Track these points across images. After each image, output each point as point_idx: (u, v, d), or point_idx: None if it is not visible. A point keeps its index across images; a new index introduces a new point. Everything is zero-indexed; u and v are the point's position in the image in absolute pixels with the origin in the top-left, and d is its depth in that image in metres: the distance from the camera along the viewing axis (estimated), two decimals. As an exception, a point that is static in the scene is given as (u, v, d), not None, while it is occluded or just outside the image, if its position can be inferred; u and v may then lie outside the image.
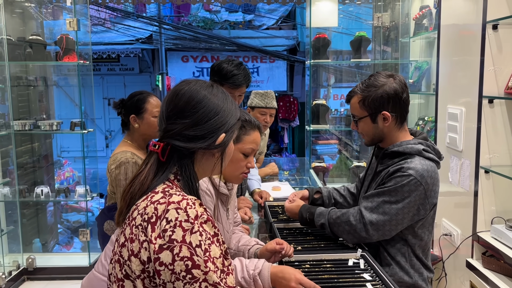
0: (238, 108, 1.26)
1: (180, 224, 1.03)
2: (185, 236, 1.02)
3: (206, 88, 1.20)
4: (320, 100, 4.46)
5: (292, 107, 10.35)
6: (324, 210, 1.94)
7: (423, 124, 3.65)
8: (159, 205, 1.06)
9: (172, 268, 1.01)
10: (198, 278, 1.01)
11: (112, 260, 1.15)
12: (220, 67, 2.56)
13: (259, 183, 2.97)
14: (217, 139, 1.17)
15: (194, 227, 1.03)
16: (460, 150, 2.65)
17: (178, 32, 9.89)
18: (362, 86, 1.86)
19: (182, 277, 1.01)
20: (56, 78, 5.12)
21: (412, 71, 4.06)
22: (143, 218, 1.06)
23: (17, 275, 4.09)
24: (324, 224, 1.89)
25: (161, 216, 1.04)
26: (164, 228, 1.03)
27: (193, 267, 1.01)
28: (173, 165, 1.16)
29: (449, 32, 2.88)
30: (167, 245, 1.02)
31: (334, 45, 5.26)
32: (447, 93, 2.90)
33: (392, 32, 4.33)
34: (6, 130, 4.15)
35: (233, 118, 1.22)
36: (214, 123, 1.17)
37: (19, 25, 4.48)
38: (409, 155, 1.83)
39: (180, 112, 1.16)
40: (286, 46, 10.33)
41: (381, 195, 1.79)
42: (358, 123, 1.89)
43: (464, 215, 2.58)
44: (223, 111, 1.19)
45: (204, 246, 1.03)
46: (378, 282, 1.54)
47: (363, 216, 1.79)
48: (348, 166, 4.78)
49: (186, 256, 1.01)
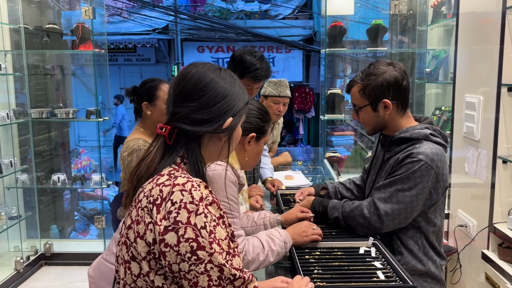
0: (246, 92, 1.24)
1: (185, 206, 1.02)
2: (189, 218, 1.02)
3: (214, 71, 1.19)
4: (336, 90, 4.41)
5: (308, 98, 10.29)
6: (337, 203, 1.93)
7: (439, 114, 3.59)
8: (164, 187, 1.06)
9: (177, 249, 1.01)
10: (203, 259, 1.01)
11: (119, 242, 1.16)
12: (243, 59, 2.48)
13: (272, 172, 2.96)
14: (224, 123, 1.16)
15: (199, 209, 1.03)
16: (477, 139, 2.60)
17: (194, 22, 9.89)
18: (362, 75, 1.85)
19: (187, 258, 1.01)
20: (73, 67, 5.18)
21: (429, 60, 3.99)
22: (149, 200, 1.06)
23: (35, 260, 4.18)
24: (338, 217, 1.88)
25: (166, 198, 1.04)
26: (169, 210, 1.03)
27: (198, 249, 1.01)
28: (179, 149, 1.16)
29: (468, 19, 2.82)
30: (172, 226, 1.02)
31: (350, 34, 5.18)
32: (465, 82, 2.84)
33: (409, 20, 4.25)
34: (24, 118, 4.21)
35: (240, 102, 1.20)
36: (221, 106, 1.16)
37: (36, 15, 4.53)
38: (416, 140, 1.82)
39: (187, 95, 1.15)
40: (302, 36, 10.25)
41: (393, 184, 1.77)
42: (359, 112, 1.89)
43: (480, 206, 2.53)
44: (230, 94, 1.18)
45: (209, 228, 1.03)
46: (389, 270, 1.52)
47: (378, 208, 1.77)
48: (363, 157, 4.74)
49: (191, 237, 1.01)
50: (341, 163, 4.50)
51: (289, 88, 3.20)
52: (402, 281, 1.43)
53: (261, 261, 1.59)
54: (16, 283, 3.88)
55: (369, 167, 2.07)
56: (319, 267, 1.55)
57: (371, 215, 1.78)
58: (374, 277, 1.48)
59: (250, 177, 2.69)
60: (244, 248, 1.55)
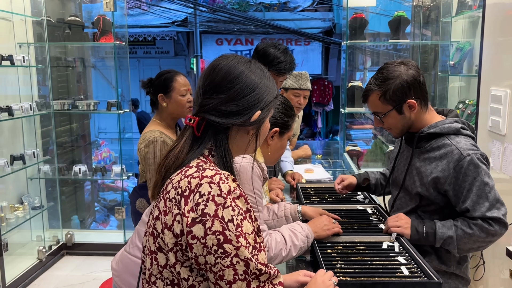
0: (276, 86, 1.23)
1: (212, 199, 1.02)
2: (217, 211, 1.01)
3: (244, 63, 1.18)
4: (356, 82, 4.36)
5: (327, 91, 10.21)
6: (447, 236, 1.74)
7: (463, 108, 3.52)
8: (193, 179, 1.06)
9: (204, 241, 1.01)
10: (230, 252, 1.01)
11: (146, 233, 1.16)
12: (267, 52, 2.44)
13: (292, 165, 2.95)
14: (253, 116, 1.15)
15: (227, 201, 1.03)
16: (504, 134, 2.54)
17: (213, 14, 9.87)
18: (377, 82, 1.80)
19: (213, 251, 1.01)
20: (94, 60, 5.22)
21: (453, 52, 3.91)
22: (177, 191, 1.06)
23: (57, 250, 4.25)
24: (454, 249, 1.76)
25: (194, 189, 1.04)
26: (197, 202, 1.03)
27: (225, 242, 1.01)
28: (207, 140, 1.15)
29: (495, 10, 2.74)
30: (199, 218, 1.02)
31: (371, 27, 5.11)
32: (491, 75, 2.77)
33: (433, 12, 4.17)
34: (47, 110, 4.27)
35: (270, 95, 1.19)
36: (250, 99, 1.15)
37: (58, 7, 4.58)
38: (446, 135, 1.78)
39: (216, 86, 1.15)
40: (322, 28, 10.15)
41: (478, 192, 1.70)
42: (383, 119, 1.83)
43: (506, 202, 2.46)
44: (260, 87, 1.17)
45: (236, 221, 1.02)
46: (414, 266, 1.50)
47: (492, 224, 1.70)
48: (383, 151, 4.68)
49: (218, 230, 1.01)
50: (361, 156, 4.46)
51: (309, 80, 3.17)
52: (427, 277, 1.41)
53: (284, 256, 1.59)
54: (39, 272, 3.96)
55: (393, 164, 2.03)
56: (341, 262, 1.54)
57: (489, 236, 1.71)
58: (398, 272, 1.45)
59: (271, 170, 2.68)
60: (267, 243, 1.55)
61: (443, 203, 1.81)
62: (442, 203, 1.81)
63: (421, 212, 1.87)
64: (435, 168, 1.77)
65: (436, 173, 1.76)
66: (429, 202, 1.83)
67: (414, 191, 1.86)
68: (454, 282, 1.85)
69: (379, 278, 1.42)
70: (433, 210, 1.84)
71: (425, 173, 1.80)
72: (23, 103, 3.91)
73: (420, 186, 1.83)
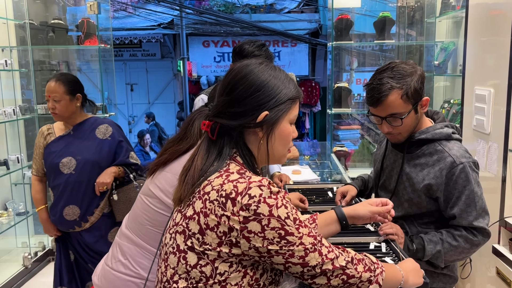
0: (294, 87, 1.20)
1: (264, 200, 1.06)
2: (271, 211, 1.06)
3: (255, 64, 1.18)
4: (343, 83, 4.38)
5: (314, 92, 10.24)
6: (435, 251, 1.74)
7: (448, 107, 3.55)
8: (239, 184, 1.08)
9: (263, 235, 1.06)
10: (294, 242, 1.07)
11: (169, 231, 1.18)
12: (242, 48, 2.51)
13: (279, 167, 2.94)
14: (258, 116, 1.15)
15: (278, 202, 1.07)
16: (488, 132, 2.56)
17: (199, 17, 9.85)
18: (394, 80, 1.66)
19: (276, 242, 1.06)
20: (79, 63, 5.17)
21: (437, 52, 3.94)
22: (220, 194, 1.08)
23: (43, 256, 4.19)
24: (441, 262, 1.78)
25: (242, 192, 1.06)
26: (247, 203, 1.05)
27: (287, 235, 1.07)
28: (223, 144, 1.18)
29: (478, 11, 2.77)
30: (253, 217, 1.05)
31: (357, 28, 5.14)
32: (475, 75, 2.80)
33: (417, 13, 4.20)
34: (31, 114, 4.21)
35: (281, 96, 1.17)
36: (254, 100, 1.15)
37: (41, 10, 4.52)
38: (438, 140, 1.77)
39: (224, 89, 1.18)
40: (308, 29, 10.17)
41: (467, 200, 1.71)
42: (403, 120, 1.69)
43: (491, 200, 2.50)
44: (266, 87, 1.16)
45: (293, 216, 1.08)
46: (400, 266, 1.50)
47: (476, 234, 1.72)
48: (370, 151, 4.70)
49: (277, 227, 1.06)
50: (348, 157, 4.48)
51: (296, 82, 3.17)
52: (414, 277, 1.41)
53: None
54: (25, 278, 3.89)
55: (379, 169, 1.99)
56: (328, 263, 1.53)
57: (473, 245, 1.73)
58: (385, 273, 1.45)
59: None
60: None
61: (434, 208, 1.81)
62: (433, 208, 1.81)
63: (411, 216, 1.86)
64: (427, 175, 1.76)
65: (429, 180, 1.75)
66: (420, 207, 1.82)
67: (404, 197, 1.85)
68: (442, 280, 1.86)
69: (366, 279, 1.41)
70: (422, 214, 1.84)
71: (416, 180, 1.78)
72: (6, 108, 3.85)
73: (412, 192, 1.81)
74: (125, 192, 2.67)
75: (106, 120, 2.75)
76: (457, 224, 1.74)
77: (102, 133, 2.65)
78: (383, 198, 1.56)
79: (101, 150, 2.62)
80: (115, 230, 2.67)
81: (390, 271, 1.23)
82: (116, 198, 2.63)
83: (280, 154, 1.23)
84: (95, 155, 2.60)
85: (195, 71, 10.34)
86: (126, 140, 2.74)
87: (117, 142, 2.67)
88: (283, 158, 1.26)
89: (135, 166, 2.73)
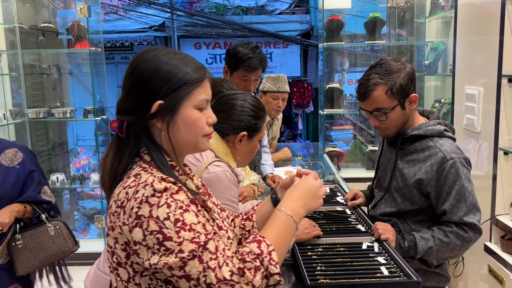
0: (193, 69, 1.11)
1: (146, 200, 0.99)
2: (151, 212, 0.98)
3: (146, 53, 1.11)
4: (334, 84, 4.39)
5: (306, 93, 10.25)
6: (427, 247, 1.75)
7: (439, 107, 3.57)
8: (130, 188, 1.03)
9: (145, 244, 0.98)
10: (173, 249, 0.97)
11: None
12: (236, 50, 2.53)
13: (272, 168, 2.94)
14: (151, 107, 1.07)
15: (161, 200, 0.99)
16: (478, 131, 2.58)
17: (191, 19, 9.84)
18: (380, 76, 1.72)
19: (156, 250, 0.98)
20: (70, 66, 5.14)
21: (428, 52, 3.97)
22: (117, 204, 1.04)
23: None
24: (433, 259, 1.79)
25: (131, 197, 1.01)
26: (131, 207, 1.00)
27: (165, 240, 0.97)
28: (134, 143, 1.12)
29: (467, 10, 2.79)
30: (135, 222, 0.99)
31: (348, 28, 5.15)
32: (465, 74, 2.82)
33: (407, 13, 4.23)
34: (21, 119, 4.18)
35: (175, 82, 1.08)
36: (146, 90, 1.08)
37: (31, 14, 4.49)
38: (430, 137, 1.79)
39: (123, 84, 1.12)
40: (300, 30, 10.19)
41: (458, 196, 1.73)
42: (388, 115, 1.75)
43: (482, 198, 2.52)
44: (157, 75, 1.07)
45: (174, 217, 0.98)
46: (393, 266, 1.50)
47: (467, 230, 1.73)
48: (363, 151, 4.72)
49: (155, 230, 0.97)
50: (340, 157, 4.49)
51: (288, 83, 3.18)
52: (407, 277, 1.42)
53: None
54: (17, 284, 3.84)
55: (376, 166, 2.03)
56: (322, 264, 1.54)
57: (464, 242, 1.74)
58: (377, 273, 1.46)
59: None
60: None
61: (427, 204, 1.82)
62: (425, 205, 1.82)
63: (404, 213, 1.88)
64: (419, 170, 1.78)
65: (420, 175, 1.77)
66: (413, 203, 1.84)
67: (398, 192, 1.87)
68: (435, 280, 1.87)
69: (359, 279, 1.42)
70: (415, 210, 1.85)
71: (408, 175, 1.81)
72: (-4, 112, 3.83)
73: (404, 188, 1.83)
74: (34, 236, 2.12)
75: (16, 143, 2.19)
76: (448, 220, 1.75)
77: (8, 159, 2.08)
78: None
79: (4, 180, 2.03)
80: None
81: (277, 239, 1.07)
82: (21, 244, 2.08)
83: (192, 142, 1.13)
84: None
85: (187, 73, 10.32)
86: (40, 170, 2.20)
87: (28, 172, 2.11)
88: (200, 144, 1.14)
89: (47, 205, 2.19)
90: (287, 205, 1.14)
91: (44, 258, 2.17)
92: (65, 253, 2.24)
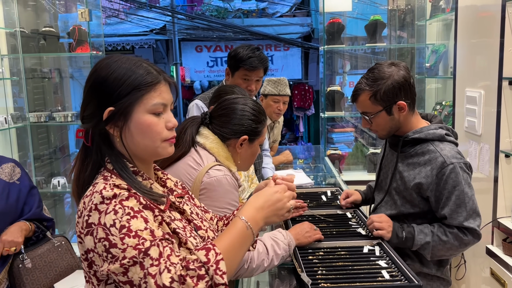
0: (144, 74, 1.09)
1: (95, 207, 1.00)
2: (100, 218, 0.99)
3: (101, 62, 1.11)
4: (335, 87, 4.39)
5: (307, 96, 10.26)
6: (424, 242, 1.75)
7: (440, 109, 3.57)
8: (86, 198, 1.05)
9: (97, 251, 1.00)
10: (118, 256, 0.97)
11: None
12: (236, 52, 2.59)
13: (273, 171, 2.94)
14: (103, 114, 1.07)
15: (109, 207, 1.00)
16: (479, 134, 2.58)
17: (192, 22, 9.86)
18: (367, 81, 1.78)
19: (105, 257, 0.99)
20: (71, 70, 5.14)
21: (428, 55, 3.97)
22: (77, 214, 1.07)
23: None
24: (428, 254, 1.79)
25: (86, 207, 1.03)
26: (84, 215, 1.02)
27: (111, 247, 0.98)
28: (97, 151, 1.11)
29: (467, 13, 2.79)
30: (86, 230, 1.01)
31: (348, 31, 5.16)
32: (465, 76, 2.82)
33: (408, 16, 4.23)
34: (23, 122, 4.19)
35: (124, 88, 1.07)
36: (97, 98, 1.08)
37: (32, 18, 4.50)
38: (431, 141, 1.79)
39: (83, 93, 1.13)
40: (300, 33, 10.21)
41: (457, 201, 1.72)
42: (372, 119, 1.82)
43: (483, 201, 2.51)
44: (107, 83, 1.07)
45: (120, 224, 0.98)
46: (394, 270, 1.50)
47: (467, 234, 1.73)
48: (364, 153, 4.71)
49: (102, 237, 0.98)
50: (342, 160, 4.48)
51: (289, 86, 3.18)
52: (408, 280, 1.41)
53: (266, 266, 1.57)
54: None
55: (378, 168, 2.03)
56: (323, 268, 1.53)
57: (461, 243, 1.74)
58: (379, 277, 1.45)
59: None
60: (250, 255, 1.53)
61: (427, 208, 1.82)
62: (425, 208, 1.82)
63: (404, 216, 1.87)
64: (419, 174, 1.78)
65: (419, 179, 1.77)
66: (413, 206, 1.84)
67: (398, 195, 1.87)
68: (436, 283, 1.87)
69: (360, 283, 1.41)
70: (416, 214, 1.85)
71: (408, 178, 1.81)
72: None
73: (404, 190, 1.83)
74: (42, 256, 2.05)
75: (7, 158, 2.10)
76: (448, 224, 1.75)
77: (7, 174, 2.01)
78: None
79: (8, 197, 1.96)
80: None
81: (230, 249, 1.05)
82: (30, 264, 1.99)
83: (151, 147, 1.10)
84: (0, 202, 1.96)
85: (188, 76, 10.34)
86: (35, 187, 2.15)
87: (29, 189, 2.07)
88: (160, 150, 1.11)
89: (47, 222, 2.14)
90: (248, 214, 1.13)
91: (55, 276, 2.12)
92: (73, 268, 2.22)
